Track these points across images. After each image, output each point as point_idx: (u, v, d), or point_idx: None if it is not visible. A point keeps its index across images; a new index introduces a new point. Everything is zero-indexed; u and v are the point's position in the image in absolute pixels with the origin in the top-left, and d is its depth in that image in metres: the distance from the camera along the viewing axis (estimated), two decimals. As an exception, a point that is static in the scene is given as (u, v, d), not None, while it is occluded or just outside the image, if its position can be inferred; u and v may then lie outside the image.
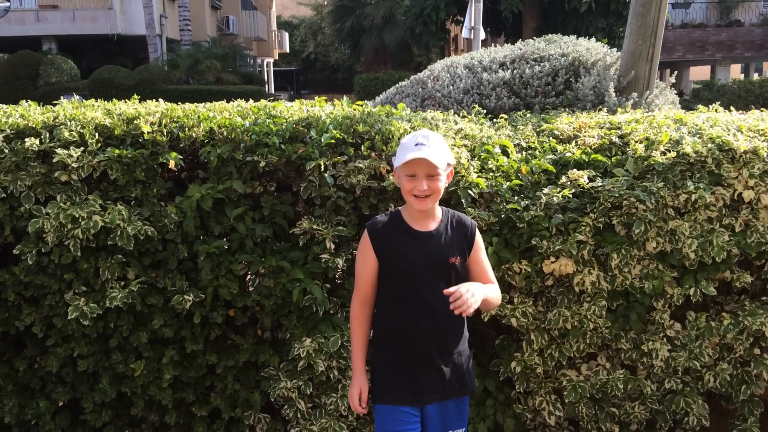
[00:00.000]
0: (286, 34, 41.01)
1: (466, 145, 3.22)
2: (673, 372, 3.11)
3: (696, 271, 3.03)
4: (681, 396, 3.09)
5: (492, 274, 2.54)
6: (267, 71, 37.46)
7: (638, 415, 3.13)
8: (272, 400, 3.02)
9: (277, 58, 40.66)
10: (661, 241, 2.98)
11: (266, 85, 30.49)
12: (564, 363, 3.10)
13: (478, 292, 2.25)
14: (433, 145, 2.28)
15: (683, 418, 3.13)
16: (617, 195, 2.96)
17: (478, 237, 2.50)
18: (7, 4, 17.02)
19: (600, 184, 3.07)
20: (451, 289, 2.22)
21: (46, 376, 2.92)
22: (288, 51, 42.00)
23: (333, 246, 2.94)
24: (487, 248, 3.02)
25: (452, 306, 2.20)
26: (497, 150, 3.33)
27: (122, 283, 2.78)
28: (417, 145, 2.27)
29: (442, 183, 2.35)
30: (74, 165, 2.76)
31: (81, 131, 2.85)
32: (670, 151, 3.09)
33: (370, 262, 2.41)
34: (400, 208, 2.49)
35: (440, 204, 3.03)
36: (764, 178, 2.99)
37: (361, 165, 2.93)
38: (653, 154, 3.08)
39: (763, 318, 2.96)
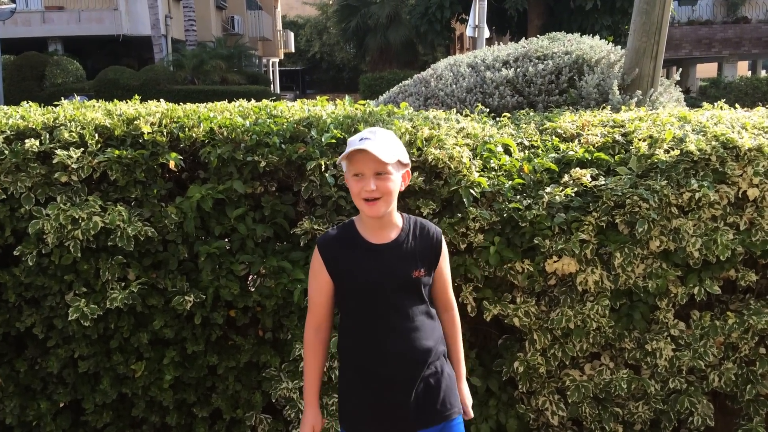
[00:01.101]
0: (292, 34, 41.07)
1: (468, 144, 3.20)
2: (677, 371, 3.08)
3: (700, 270, 3.00)
4: (685, 396, 3.06)
5: (450, 287, 2.33)
6: (272, 71, 37.49)
7: (642, 415, 3.10)
8: (273, 400, 3.01)
9: (282, 57, 40.72)
10: (665, 239, 2.95)
11: (272, 85, 30.54)
12: (567, 363, 3.08)
13: (470, 399, 2.36)
14: (379, 140, 2.04)
15: (688, 417, 3.10)
16: (620, 193, 2.93)
17: (444, 246, 2.27)
18: (13, 5, 17.07)
19: (603, 182, 3.04)
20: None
21: (47, 377, 2.92)
22: (293, 51, 42.06)
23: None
24: (489, 248, 3.01)
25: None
26: (499, 149, 3.31)
27: (123, 284, 2.77)
28: (362, 140, 2.03)
29: (395, 184, 2.09)
30: (74, 166, 2.75)
31: (81, 132, 2.85)
32: (673, 149, 3.06)
33: (322, 281, 2.17)
34: (354, 218, 2.24)
35: (441, 204, 3.03)
36: (769, 176, 2.96)
37: (361, 164, 2.92)
38: (657, 152, 3.06)
39: (768, 317, 2.93)
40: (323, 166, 2.90)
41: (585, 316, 2.97)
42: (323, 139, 2.96)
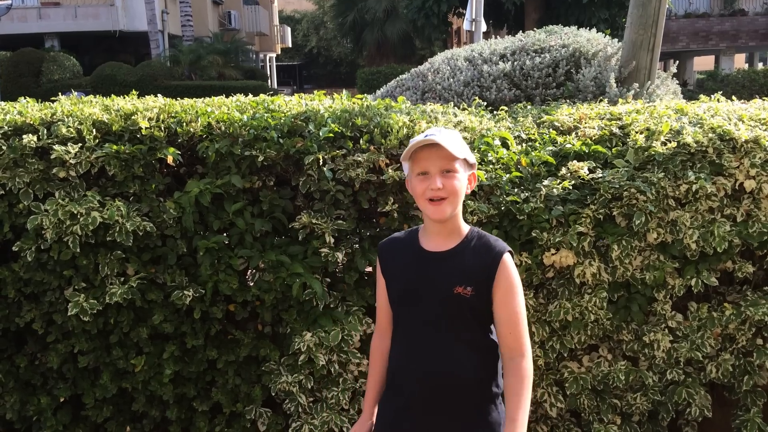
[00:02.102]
0: (289, 29, 40.96)
1: (465, 138, 3.21)
2: (674, 363, 3.09)
3: (697, 262, 3.01)
4: (683, 387, 3.07)
5: (522, 329, 1.93)
6: (269, 66, 37.41)
7: (640, 407, 3.12)
8: (273, 394, 3.02)
9: (279, 52, 40.62)
10: (662, 231, 2.96)
11: (269, 80, 30.48)
12: (565, 355, 3.10)
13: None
14: (446, 135, 1.90)
15: (685, 409, 3.11)
16: (617, 186, 2.94)
17: (507, 269, 1.92)
18: (9, 2, 17.02)
19: (600, 175, 3.05)
20: None
21: (47, 372, 2.93)
22: (290, 46, 41.96)
23: (332, 240, 2.94)
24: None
25: None
26: (497, 142, 3.31)
27: (122, 279, 2.78)
28: (427, 135, 1.89)
29: (462, 183, 1.92)
30: (72, 161, 2.75)
31: (79, 127, 2.85)
32: (670, 142, 3.07)
33: (380, 284, 2.09)
34: (421, 225, 2.10)
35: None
36: (766, 168, 2.96)
37: (359, 158, 2.92)
38: (654, 145, 3.06)
39: (765, 308, 2.94)
40: (321, 161, 2.90)
41: (583, 308, 2.98)
42: (321, 133, 2.96)
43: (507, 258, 1.93)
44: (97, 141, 2.85)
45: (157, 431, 3.05)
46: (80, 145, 2.80)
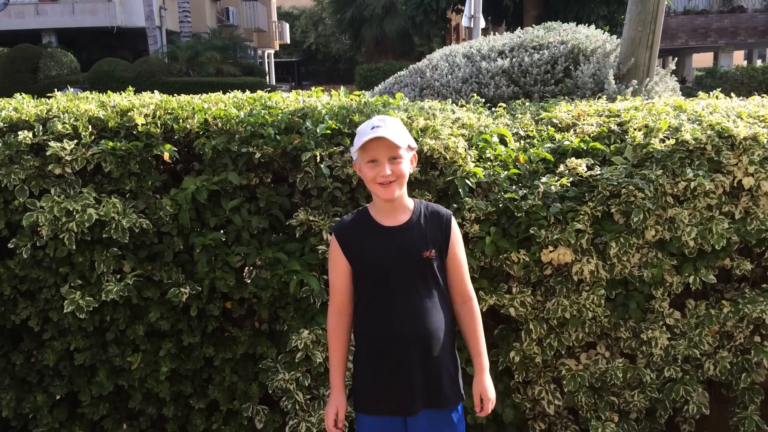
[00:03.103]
0: (287, 25, 40.87)
1: (463, 135, 3.20)
2: (672, 360, 3.09)
3: (695, 259, 3.01)
4: (681, 384, 3.07)
5: (467, 276, 2.36)
6: (268, 62, 37.35)
7: (638, 404, 3.11)
8: (270, 392, 3.01)
9: (277, 49, 40.54)
10: (660, 229, 2.96)
11: (267, 77, 30.41)
12: (563, 352, 3.09)
13: (492, 393, 2.33)
14: (390, 126, 2.16)
15: (683, 406, 3.11)
16: (616, 183, 2.93)
17: (455, 228, 2.32)
18: (6, -3, 16.96)
19: (598, 172, 3.04)
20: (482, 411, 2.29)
21: (43, 369, 2.91)
22: (289, 42, 41.87)
23: (330, 237, 2.93)
24: (485, 238, 3.01)
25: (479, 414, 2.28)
26: (495, 139, 3.30)
27: (118, 276, 2.77)
28: (373, 128, 2.14)
29: (406, 166, 2.20)
30: (68, 158, 2.74)
31: (74, 124, 2.83)
32: (669, 139, 3.06)
33: (341, 266, 2.26)
34: (367, 205, 2.35)
35: (436, 195, 3.02)
36: (764, 165, 2.96)
37: (357, 155, 2.91)
38: (652, 142, 3.05)
39: (763, 305, 2.94)
40: (318, 157, 2.89)
41: (581, 305, 2.98)
42: (318, 130, 2.95)
43: (453, 219, 2.32)
44: (93, 137, 2.84)
45: (153, 429, 3.05)
46: (76, 141, 2.78)
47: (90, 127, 2.85)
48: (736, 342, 3.09)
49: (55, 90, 3.29)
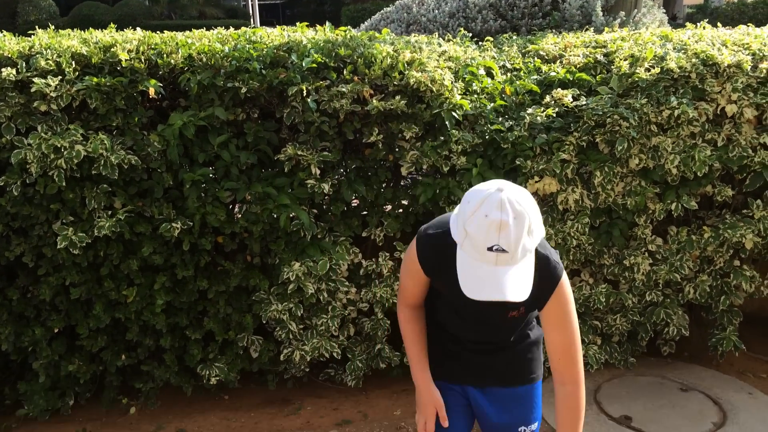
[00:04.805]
0: (270, -35, 39.67)
1: (450, 67, 3.19)
2: (654, 285, 3.18)
3: (678, 187, 3.06)
4: (661, 308, 3.18)
5: (573, 360, 1.72)
6: (251, 4, 36.38)
7: (620, 327, 3.22)
8: (264, 322, 3.09)
9: (261, -10, 39.45)
10: (644, 157, 3.00)
11: (251, 19, 29.68)
12: (548, 280, 3.17)
13: None
14: (517, 260, 1.47)
15: (663, 329, 3.22)
16: (601, 113, 2.96)
17: (561, 293, 1.67)
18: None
19: (584, 102, 3.06)
20: None
21: (39, 304, 2.96)
22: (273, -17, 40.72)
23: (318, 171, 2.95)
24: (471, 170, 3.04)
25: None
26: (481, 71, 3.30)
27: (109, 212, 2.79)
28: (493, 249, 1.45)
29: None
30: (53, 94, 2.72)
31: (57, 60, 2.80)
32: (654, 68, 3.07)
33: (418, 278, 1.80)
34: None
35: (423, 128, 3.04)
36: (747, 92, 2.98)
37: (344, 89, 2.91)
38: (637, 71, 3.06)
39: (743, 230, 3.01)
40: (305, 92, 2.89)
41: (566, 234, 3.05)
42: (304, 64, 2.93)
43: (562, 283, 1.67)
44: (77, 74, 2.81)
45: (151, 359, 3.13)
46: (60, 78, 2.76)
47: (73, 63, 2.82)
48: (716, 266, 3.18)
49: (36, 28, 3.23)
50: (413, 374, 1.87)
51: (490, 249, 1.44)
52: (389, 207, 3.22)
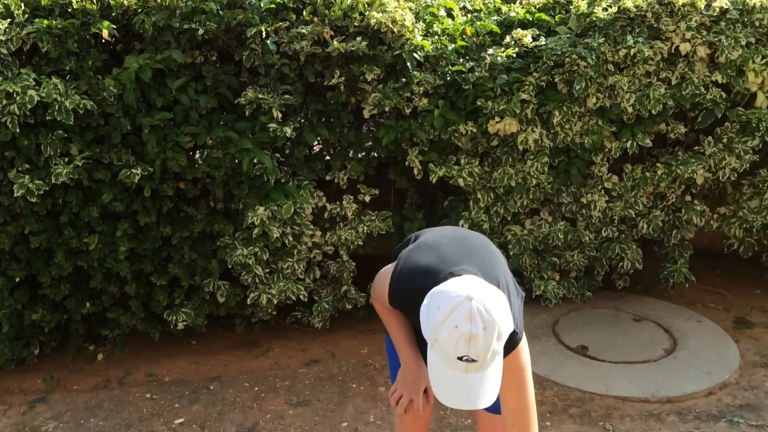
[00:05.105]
0: None
1: (410, 8, 3.16)
2: (609, 221, 3.29)
3: (633, 125, 3.14)
4: (617, 243, 3.29)
5: (525, 417, 1.62)
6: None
7: (577, 263, 3.34)
8: (230, 267, 3.11)
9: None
10: (601, 96, 3.06)
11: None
12: (509, 219, 3.25)
13: None
14: (486, 366, 1.40)
15: (618, 263, 3.35)
16: (560, 53, 2.99)
17: (518, 358, 1.59)
18: None
19: (543, 42, 3.09)
20: None
21: (-1, 254, 2.92)
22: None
23: (280, 115, 2.93)
24: (433, 111, 3.06)
25: None
26: (442, 12, 3.29)
27: (66, 159, 2.74)
28: (462, 359, 1.38)
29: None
30: (2, 38, 2.63)
31: (5, 2, 2.70)
32: (611, 7, 3.10)
33: (396, 316, 1.76)
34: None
35: (385, 69, 3.03)
36: (701, 31, 3.04)
37: (303, 31, 2.87)
38: (595, 11, 3.09)
39: (694, 166, 3.12)
40: (264, 33, 2.84)
41: (525, 173, 3.11)
42: (262, 5, 2.88)
43: (519, 348, 1.61)
44: (27, 16, 2.71)
45: (117, 307, 3.13)
46: (9, 21, 2.66)
47: (23, 5, 2.71)
48: (668, 202, 3.30)
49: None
50: (400, 352, 1.78)
51: (459, 359, 1.40)
52: (352, 151, 3.23)
